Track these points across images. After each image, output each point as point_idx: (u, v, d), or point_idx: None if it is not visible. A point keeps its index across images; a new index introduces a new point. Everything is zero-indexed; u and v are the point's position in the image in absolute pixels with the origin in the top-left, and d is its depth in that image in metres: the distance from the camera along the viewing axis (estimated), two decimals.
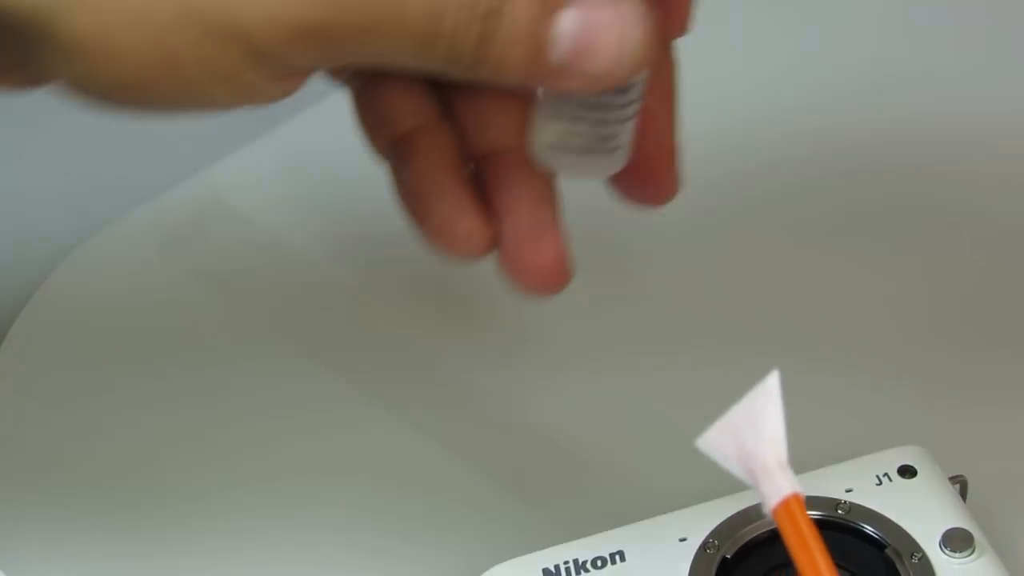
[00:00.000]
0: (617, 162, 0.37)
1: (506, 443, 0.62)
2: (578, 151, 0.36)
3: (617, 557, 0.51)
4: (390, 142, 0.40)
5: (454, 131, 0.39)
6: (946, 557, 0.48)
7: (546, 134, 0.36)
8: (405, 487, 0.62)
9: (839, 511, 0.50)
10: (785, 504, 0.30)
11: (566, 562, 0.51)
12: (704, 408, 0.65)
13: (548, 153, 0.36)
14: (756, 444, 0.31)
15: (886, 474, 0.51)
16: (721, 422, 0.32)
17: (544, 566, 0.51)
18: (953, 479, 0.52)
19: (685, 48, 0.42)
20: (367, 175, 0.48)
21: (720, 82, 0.74)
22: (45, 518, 0.62)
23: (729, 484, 0.56)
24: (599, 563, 0.51)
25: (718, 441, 0.32)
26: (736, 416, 0.32)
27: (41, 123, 0.75)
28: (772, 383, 0.31)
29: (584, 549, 0.51)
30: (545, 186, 0.38)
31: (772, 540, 0.50)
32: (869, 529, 0.50)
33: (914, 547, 0.48)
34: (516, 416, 0.63)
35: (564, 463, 0.61)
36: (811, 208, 0.71)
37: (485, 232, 0.37)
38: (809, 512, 0.50)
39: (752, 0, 0.82)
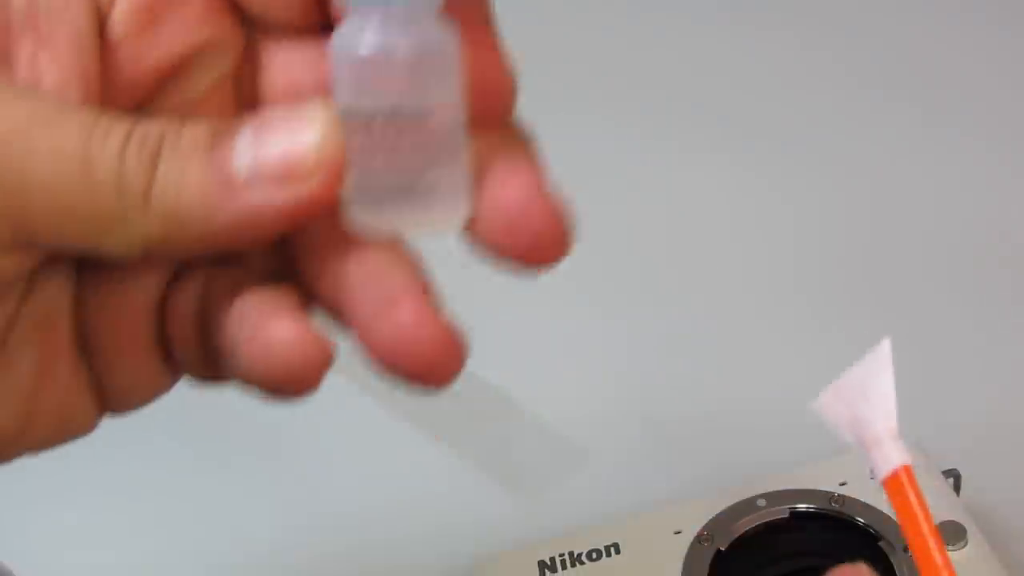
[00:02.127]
0: (442, 206, 0.29)
1: (501, 436, 0.63)
2: (382, 193, 0.29)
3: (612, 549, 0.51)
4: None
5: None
6: None
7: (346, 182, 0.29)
8: (401, 480, 0.62)
9: (833, 504, 0.50)
10: (895, 476, 0.31)
11: (561, 554, 0.51)
12: (699, 403, 0.65)
13: (353, 206, 0.29)
14: (867, 413, 0.31)
15: None
16: (834, 387, 0.32)
17: (540, 558, 0.51)
18: (947, 473, 0.52)
19: None
20: None
21: None
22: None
23: (724, 477, 0.57)
24: (594, 555, 0.51)
25: (831, 406, 0.32)
26: (849, 383, 0.32)
27: None
28: (884, 352, 0.32)
29: (579, 541, 0.52)
30: (393, 255, 0.30)
31: (766, 533, 0.51)
32: (862, 521, 0.50)
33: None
34: (511, 409, 0.63)
35: (559, 456, 0.62)
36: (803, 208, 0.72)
37: (305, 330, 0.29)
38: (803, 504, 0.51)
39: None
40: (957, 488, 0.53)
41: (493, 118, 0.30)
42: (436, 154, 0.29)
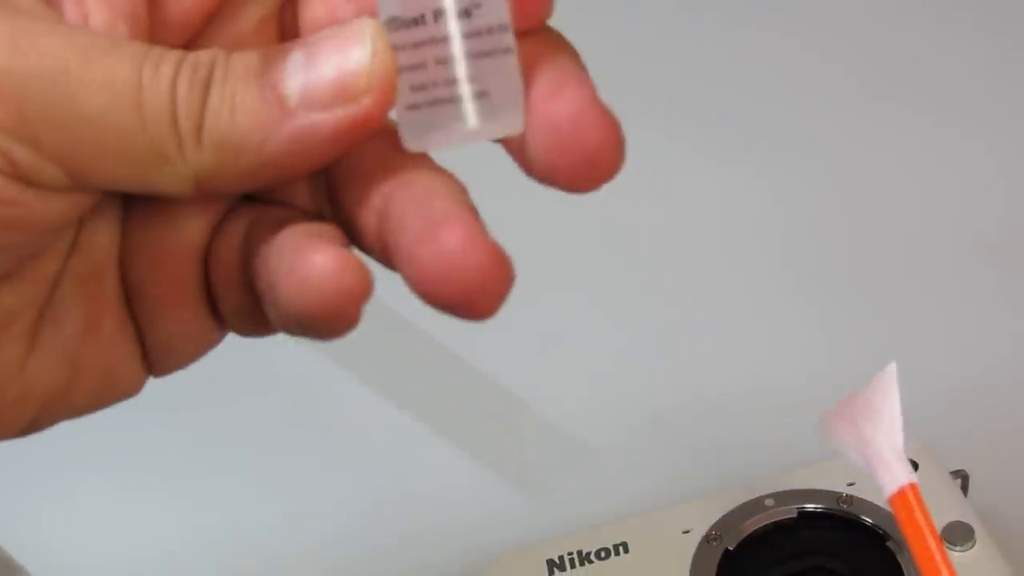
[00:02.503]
0: (497, 111, 0.28)
1: (511, 435, 0.63)
2: (432, 103, 0.28)
3: (621, 548, 0.51)
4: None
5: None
6: (947, 549, 0.48)
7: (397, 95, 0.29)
8: (411, 479, 0.62)
9: (841, 504, 0.50)
10: (902, 494, 0.31)
11: (570, 553, 0.51)
12: (708, 403, 0.65)
13: (405, 119, 0.29)
14: (873, 432, 0.31)
15: None
16: (839, 408, 0.32)
17: (548, 557, 0.51)
18: (955, 473, 0.53)
19: None
20: None
21: None
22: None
23: (732, 476, 0.57)
24: (603, 554, 0.51)
25: (835, 426, 0.32)
26: (854, 403, 0.32)
27: None
28: (889, 374, 0.32)
29: (588, 540, 0.52)
30: (438, 184, 0.29)
31: (774, 533, 0.51)
32: (870, 522, 0.50)
33: None
34: (521, 408, 0.63)
35: (568, 455, 0.62)
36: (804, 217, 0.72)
37: (345, 260, 0.28)
38: (812, 505, 0.51)
39: None
40: (965, 489, 0.53)
41: (533, 24, 0.29)
42: (485, 57, 0.28)
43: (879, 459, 0.31)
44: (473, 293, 0.28)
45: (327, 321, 0.28)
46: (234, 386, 0.65)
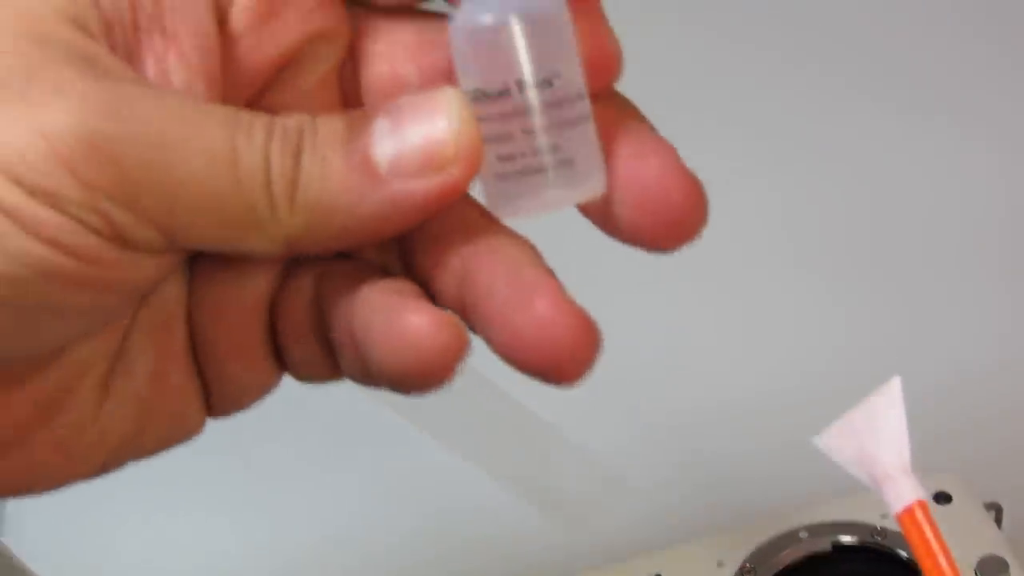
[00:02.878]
0: (580, 178, 0.29)
1: (543, 465, 0.63)
2: (520, 172, 0.29)
3: None
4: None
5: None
6: None
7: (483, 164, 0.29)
8: (442, 508, 0.62)
9: (875, 536, 0.50)
10: (909, 512, 0.30)
11: None
12: (738, 429, 0.65)
13: (493, 188, 0.29)
14: (878, 448, 0.31)
15: None
16: (841, 423, 0.32)
17: None
18: (988, 506, 0.52)
19: None
20: None
21: None
22: None
23: (766, 507, 0.57)
24: None
25: (837, 442, 0.32)
26: (856, 418, 0.32)
27: None
28: (894, 388, 0.31)
29: (622, 571, 0.52)
30: (521, 251, 0.30)
31: (809, 565, 0.51)
32: (905, 556, 0.50)
33: None
34: (552, 439, 0.63)
35: (602, 485, 0.62)
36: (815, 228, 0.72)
37: (441, 319, 0.28)
38: (845, 537, 0.51)
39: None
40: (999, 521, 0.53)
41: (602, 87, 0.30)
42: (567, 125, 0.29)
43: (885, 476, 0.31)
44: (563, 360, 0.29)
45: (423, 379, 0.29)
46: (274, 412, 0.65)
